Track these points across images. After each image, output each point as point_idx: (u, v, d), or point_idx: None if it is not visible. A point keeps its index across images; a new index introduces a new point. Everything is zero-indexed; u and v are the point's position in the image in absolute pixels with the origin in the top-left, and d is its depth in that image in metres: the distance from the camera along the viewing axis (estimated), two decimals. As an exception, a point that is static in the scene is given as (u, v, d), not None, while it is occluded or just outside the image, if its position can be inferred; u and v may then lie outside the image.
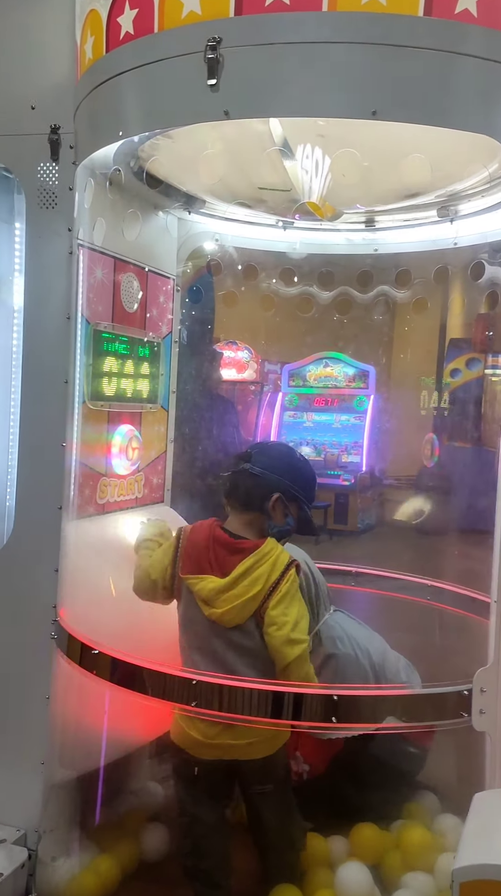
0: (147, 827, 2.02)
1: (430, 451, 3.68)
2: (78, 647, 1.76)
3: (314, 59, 1.40)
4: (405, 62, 1.39)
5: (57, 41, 1.90)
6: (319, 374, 6.91)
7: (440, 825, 1.98)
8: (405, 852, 1.86)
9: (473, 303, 2.58)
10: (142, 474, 2.33)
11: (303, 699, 1.55)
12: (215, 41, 1.42)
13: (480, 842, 1.30)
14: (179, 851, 1.84)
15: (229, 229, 2.47)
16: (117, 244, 2.07)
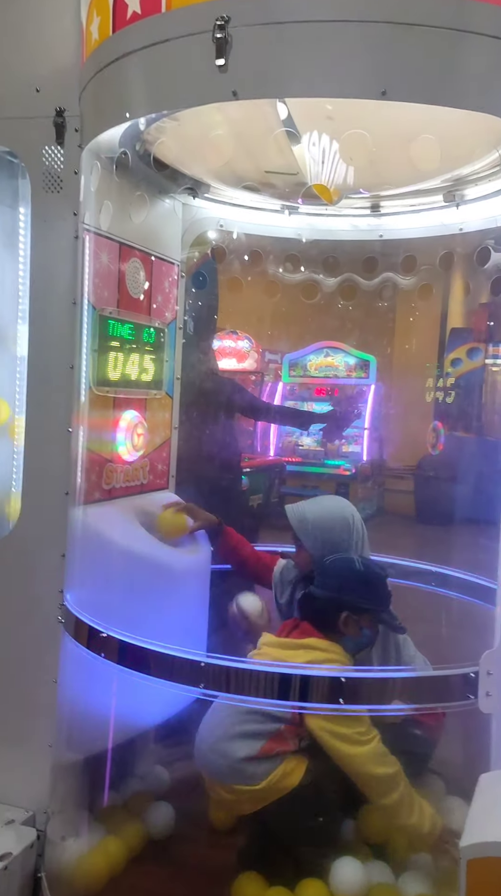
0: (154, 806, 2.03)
1: (434, 439, 3.69)
2: (85, 630, 1.77)
3: (323, 38, 1.39)
4: (415, 41, 1.38)
5: (62, 22, 1.89)
6: (320, 363, 6.91)
7: (446, 806, 1.99)
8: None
9: (477, 290, 2.57)
10: (147, 460, 2.33)
11: (310, 680, 1.56)
12: (224, 20, 1.40)
13: (486, 820, 1.31)
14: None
15: (233, 215, 2.46)
16: (123, 229, 2.06)
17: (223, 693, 1.61)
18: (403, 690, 1.61)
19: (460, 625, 2.28)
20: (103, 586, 1.95)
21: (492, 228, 2.20)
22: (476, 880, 1.21)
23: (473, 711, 1.56)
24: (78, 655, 1.81)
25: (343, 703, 1.54)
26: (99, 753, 1.97)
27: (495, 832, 1.25)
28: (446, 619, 2.41)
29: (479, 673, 1.54)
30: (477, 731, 1.62)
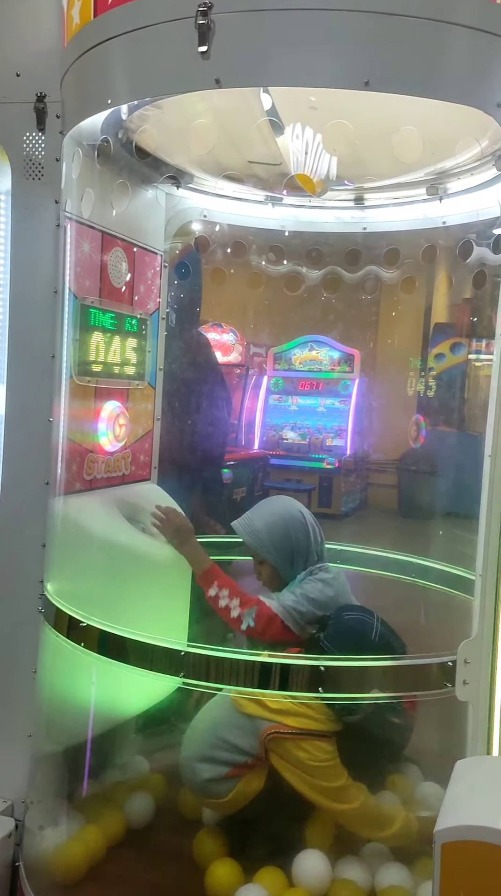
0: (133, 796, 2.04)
1: (416, 432, 3.71)
2: (66, 620, 1.76)
3: (306, 26, 1.39)
4: (398, 31, 1.38)
5: (42, 5, 1.86)
6: (304, 357, 6.92)
7: (422, 793, 2.02)
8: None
9: (460, 284, 2.58)
10: (129, 451, 2.32)
11: (290, 669, 1.57)
12: (207, 6, 1.40)
13: (461, 805, 1.33)
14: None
15: (217, 205, 2.45)
16: (105, 218, 2.04)
17: (203, 682, 1.61)
18: (382, 679, 1.62)
19: (440, 615, 2.30)
20: (84, 576, 1.94)
21: (475, 222, 2.21)
22: (450, 864, 1.23)
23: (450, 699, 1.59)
24: (58, 645, 1.80)
25: (323, 692, 1.55)
26: (78, 744, 1.97)
27: (469, 816, 1.27)
28: (426, 609, 2.44)
29: (457, 662, 1.56)
30: (453, 720, 1.64)
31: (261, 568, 2.06)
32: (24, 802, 1.97)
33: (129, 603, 1.89)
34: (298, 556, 2.03)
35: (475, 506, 1.67)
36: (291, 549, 2.03)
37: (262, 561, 2.04)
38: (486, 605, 1.58)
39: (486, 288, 2.21)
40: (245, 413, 6.46)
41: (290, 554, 2.03)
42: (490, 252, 2.14)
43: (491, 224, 2.08)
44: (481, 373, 6.52)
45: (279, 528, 2.03)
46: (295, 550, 2.03)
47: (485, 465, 1.62)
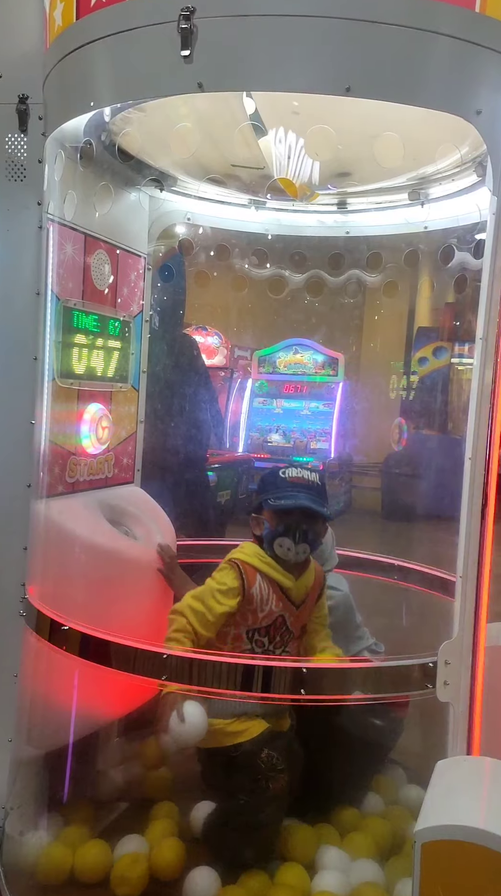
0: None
1: (398, 435, 3.74)
2: (47, 623, 1.75)
3: (288, 32, 1.40)
4: (379, 38, 1.40)
5: (25, 7, 1.86)
6: (289, 360, 6.93)
7: (405, 795, 2.03)
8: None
9: (442, 288, 2.61)
10: (112, 454, 2.31)
11: (272, 671, 1.57)
12: (189, 11, 1.40)
13: (441, 805, 1.34)
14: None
15: (201, 208, 2.45)
16: (88, 220, 2.04)
17: (185, 685, 1.61)
18: (364, 680, 1.63)
19: (421, 616, 2.32)
20: (66, 580, 1.93)
21: (455, 227, 2.23)
22: (431, 864, 1.24)
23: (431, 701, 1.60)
24: (39, 649, 1.79)
25: (305, 694, 1.56)
26: (60, 748, 1.95)
27: (449, 816, 1.27)
28: (407, 610, 2.45)
29: (437, 663, 1.57)
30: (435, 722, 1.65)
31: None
32: (4, 808, 1.95)
33: (111, 606, 1.88)
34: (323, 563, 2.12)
35: (456, 508, 1.68)
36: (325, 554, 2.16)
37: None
38: (466, 606, 1.59)
39: (468, 292, 2.24)
40: (230, 416, 6.46)
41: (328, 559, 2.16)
42: (471, 257, 2.16)
43: (472, 229, 2.10)
44: (463, 376, 6.57)
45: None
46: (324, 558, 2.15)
47: (466, 467, 1.63)
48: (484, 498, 1.63)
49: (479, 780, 1.46)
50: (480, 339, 1.59)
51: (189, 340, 3.27)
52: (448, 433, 4.79)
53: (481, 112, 1.46)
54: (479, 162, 1.88)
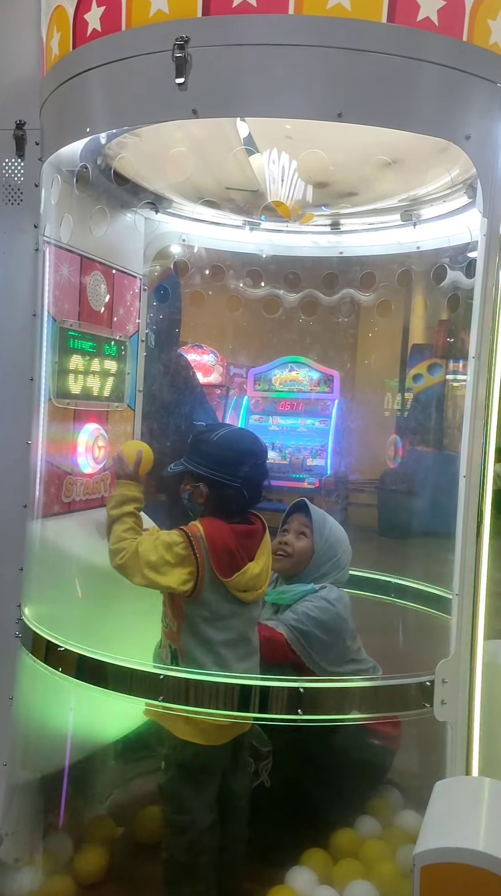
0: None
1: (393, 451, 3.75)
2: (43, 644, 1.74)
3: (280, 60, 1.43)
4: (369, 66, 1.43)
5: (22, 36, 1.89)
6: (284, 378, 6.96)
7: (401, 821, 2.00)
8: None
9: (435, 307, 2.64)
10: (108, 473, 2.32)
11: (269, 692, 1.56)
12: (183, 40, 1.43)
13: (440, 827, 1.33)
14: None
15: (195, 230, 2.48)
16: (84, 242, 2.06)
17: (183, 706, 1.60)
18: (361, 700, 1.63)
19: (418, 635, 2.31)
20: (62, 601, 1.92)
21: (447, 247, 2.26)
22: (430, 887, 1.23)
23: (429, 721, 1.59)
24: (35, 671, 1.78)
25: (302, 714, 1.55)
26: (56, 772, 1.93)
27: (448, 838, 1.26)
28: (404, 629, 2.44)
29: (434, 681, 1.57)
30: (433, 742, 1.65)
31: (297, 542, 2.14)
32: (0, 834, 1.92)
33: (108, 626, 1.87)
34: (333, 568, 2.13)
35: (452, 525, 1.69)
36: (335, 557, 2.14)
37: (303, 535, 2.15)
38: (463, 624, 1.59)
39: (461, 310, 2.27)
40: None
41: (331, 558, 2.13)
42: (463, 276, 2.19)
43: (463, 249, 2.13)
44: (458, 393, 6.62)
45: (341, 533, 2.18)
46: (336, 562, 2.14)
47: (460, 484, 1.64)
48: (480, 515, 1.63)
49: (478, 801, 1.45)
50: (473, 358, 1.61)
51: (182, 360, 3.29)
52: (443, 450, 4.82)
53: (470, 137, 1.50)
54: (469, 184, 1.91)
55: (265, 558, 1.78)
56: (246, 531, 1.76)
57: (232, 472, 1.73)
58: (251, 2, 1.42)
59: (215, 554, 1.69)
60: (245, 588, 1.71)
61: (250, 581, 1.71)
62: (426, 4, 1.42)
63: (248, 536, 1.76)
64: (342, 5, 1.40)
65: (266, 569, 1.77)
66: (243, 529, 1.76)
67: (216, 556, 1.69)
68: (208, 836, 1.70)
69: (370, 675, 2.09)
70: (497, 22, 1.49)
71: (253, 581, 1.72)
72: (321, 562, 2.12)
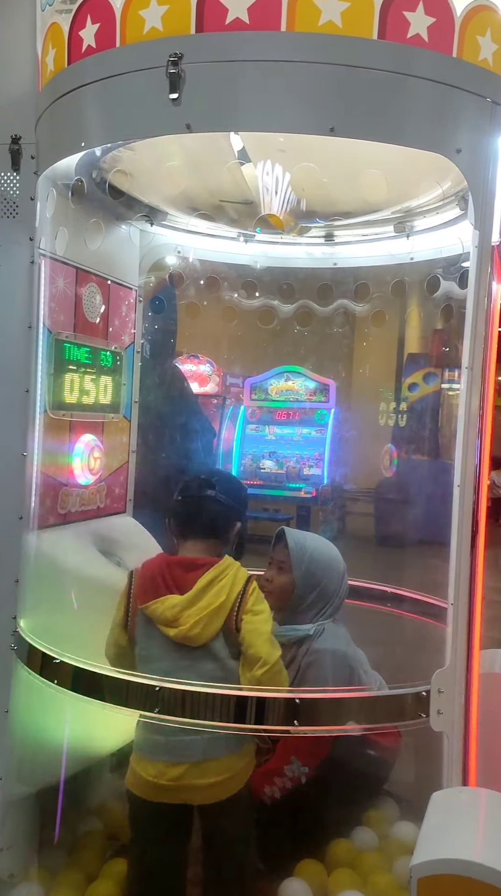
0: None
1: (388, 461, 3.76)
2: (39, 656, 1.74)
3: (273, 76, 1.45)
4: (361, 82, 1.45)
5: (17, 52, 1.91)
6: (280, 387, 6.98)
7: (397, 832, 2.00)
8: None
9: (429, 317, 2.66)
10: (104, 484, 2.32)
11: (266, 703, 1.56)
12: (177, 57, 1.45)
13: (437, 838, 1.32)
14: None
15: (190, 242, 2.50)
16: (80, 254, 2.07)
17: (179, 717, 1.59)
18: (358, 711, 1.62)
19: (414, 644, 2.31)
20: (58, 612, 1.92)
21: (440, 258, 2.28)
22: (428, 899, 1.22)
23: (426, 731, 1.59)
24: (30, 683, 1.77)
25: (298, 725, 1.55)
26: (52, 786, 1.92)
27: (446, 850, 1.26)
28: (401, 639, 2.44)
29: (431, 691, 1.57)
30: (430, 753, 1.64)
31: (278, 577, 2.05)
32: (-5, 848, 1.91)
33: (104, 639, 1.86)
34: (319, 597, 2.04)
35: (448, 534, 1.69)
36: (320, 586, 2.04)
37: (282, 570, 2.04)
38: (458, 633, 1.59)
39: (455, 320, 2.28)
40: (223, 443, 6.48)
41: (315, 588, 2.03)
42: (456, 286, 2.20)
43: (456, 260, 2.15)
44: (454, 402, 6.64)
45: (326, 558, 2.06)
46: (322, 590, 2.04)
47: (455, 494, 1.65)
48: (475, 524, 1.64)
49: (475, 812, 1.45)
50: (466, 369, 1.62)
51: (176, 371, 3.30)
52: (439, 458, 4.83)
53: (461, 150, 1.51)
54: (461, 196, 1.93)
55: (208, 598, 1.67)
56: (183, 562, 1.74)
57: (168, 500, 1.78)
58: (244, 19, 1.43)
59: (139, 580, 1.72)
60: (163, 621, 1.65)
61: (168, 612, 1.65)
62: (416, 21, 1.44)
63: (183, 567, 1.72)
64: (333, 22, 1.42)
65: (202, 608, 1.65)
66: (180, 560, 1.75)
67: (138, 582, 1.72)
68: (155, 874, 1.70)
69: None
70: (486, 38, 1.51)
71: (171, 612, 1.65)
72: (303, 593, 2.02)
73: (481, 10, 1.51)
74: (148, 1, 1.48)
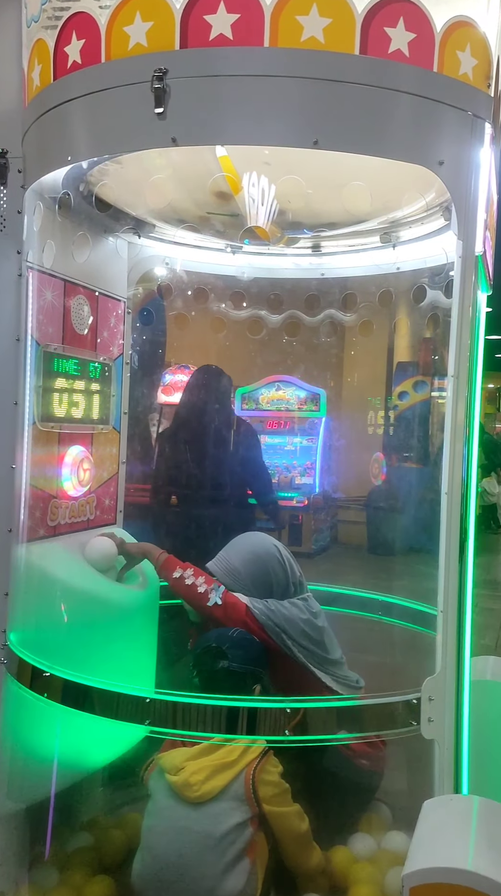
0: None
1: (378, 470, 3.78)
2: (28, 670, 1.73)
3: (256, 90, 1.47)
4: (344, 96, 1.47)
5: (3, 68, 1.92)
6: (271, 397, 7.00)
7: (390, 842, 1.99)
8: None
9: (417, 326, 2.68)
10: (94, 496, 2.31)
11: (257, 713, 1.56)
12: (162, 72, 1.46)
13: (429, 847, 1.32)
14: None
15: (178, 253, 2.51)
16: (68, 267, 2.08)
17: (170, 729, 1.59)
18: (349, 719, 1.62)
19: (405, 652, 2.31)
20: (48, 625, 1.91)
21: (426, 268, 2.31)
22: (420, 908, 1.22)
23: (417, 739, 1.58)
24: (21, 697, 1.76)
25: (289, 735, 1.54)
26: (43, 801, 1.90)
27: (437, 858, 1.26)
28: (390, 647, 2.44)
29: (421, 699, 1.57)
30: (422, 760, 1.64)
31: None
32: (-15, 866, 1.88)
33: (94, 650, 1.86)
34: (276, 591, 2.09)
35: (437, 541, 1.70)
36: (269, 584, 2.09)
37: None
38: (448, 640, 1.60)
39: (441, 329, 2.30)
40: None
41: (269, 589, 2.09)
42: (442, 295, 2.23)
43: (440, 270, 2.17)
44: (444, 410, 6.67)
45: (257, 565, 2.10)
46: (274, 585, 2.10)
47: (442, 501, 1.66)
48: (464, 532, 1.65)
49: (467, 820, 1.45)
50: (451, 377, 1.64)
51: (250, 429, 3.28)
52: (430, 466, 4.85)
53: (443, 162, 1.54)
54: (445, 207, 1.95)
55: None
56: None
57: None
58: (228, 35, 1.45)
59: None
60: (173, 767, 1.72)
61: (179, 762, 1.72)
62: (397, 37, 1.47)
63: None
64: (315, 38, 1.44)
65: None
66: None
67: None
68: None
69: (353, 686, 2.09)
70: (465, 53, 1.53)
71: (180, 762, 1.71)
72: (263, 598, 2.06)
73: (460, 25, 1.53)
74: (133, 17, 1.50)
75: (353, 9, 1.44)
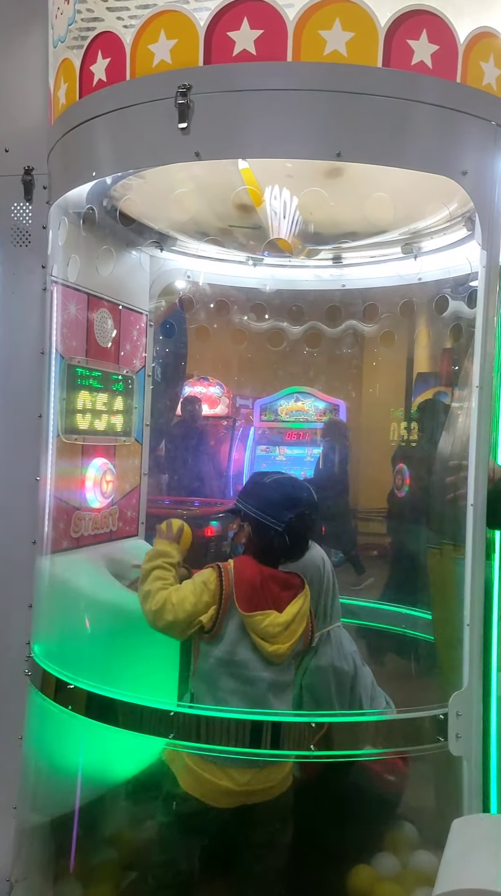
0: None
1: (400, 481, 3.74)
2: (53, 682, 1.73)
3: (280, 104, 1.48)
4: (367, 108, 1.47)
5: (30, 87, 1.96)
6: (290, 408, 6.99)
7: (416, 861, 1.95)
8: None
9: (438, 336, 2.66)
10: (116, 507, 2.32)
11: (281, 727, 1.54)
12: (186, 88, 1.48)
13: (458, 867, 1.30)
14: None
15: (200, 266, 2.53)
16: (91, 280, 2.11)
17: (193, 742, 1.58)
18: (375, 735, 1.60)
19: (430, 667, 2.28)
20: (72, 637, 1.91)
21: (448, 279, 2.30)
22: (451, 930, 1.19)
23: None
24: (45, 709, 1.76)
25: (314, 750, 1.53)
26: (67, 814, 1.90)
27: (466, 879, 1.23)
28: (415, 661, 2.41)
29: (448, 715, 1.54)
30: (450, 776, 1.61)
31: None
32: (9, 881, 1.88)
33: (117, 662, 1.85)
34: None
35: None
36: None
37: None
38: (474, 655, 1.57)
39: (464, 339, 2.28)
40: (233, 464, 6.48)
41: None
42: (465, 306, 2.21)
43: (464, 280, 2.16)
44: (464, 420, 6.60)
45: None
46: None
47: (468, 513, 1.63)
48: (489, 543, 1.62)
49: (496, 840, 1.42)
50: (476, 388, 1.62)
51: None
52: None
53: (467, 172, 1.53)
54: (468, 217, 1.94)
55: (298, 620, 1.69)
56: (279, 578, 1.72)
57: (277, 515, 1.70)
58: (251, 50, 1.47)
59: (240, 586, 1.65)
60: (264, 635, 1.64)
61: (271, 628, 1.64)
62: (420, 49, 1.47)
63: (280, 584, 1.71)
64: (338, 52, 1.45)
65: (295, 630, 1.67)
66: (276, 574, 1.72)
67: (240, 588, 1.65)
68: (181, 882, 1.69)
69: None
70: (489, 64, 1.53)
71: (274, 629, 1.64)
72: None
73: (484, 36, 1.53)
74: (157, 35, 1.52)
75: (376, 22, 1.45)
